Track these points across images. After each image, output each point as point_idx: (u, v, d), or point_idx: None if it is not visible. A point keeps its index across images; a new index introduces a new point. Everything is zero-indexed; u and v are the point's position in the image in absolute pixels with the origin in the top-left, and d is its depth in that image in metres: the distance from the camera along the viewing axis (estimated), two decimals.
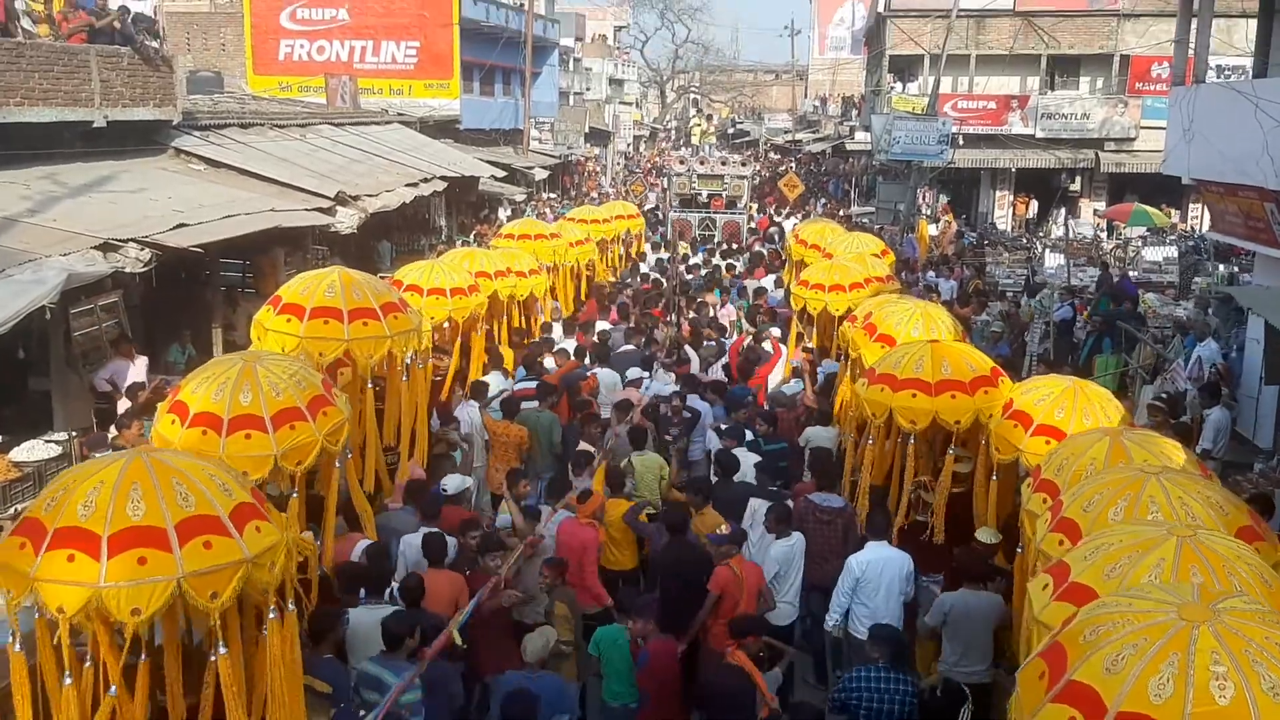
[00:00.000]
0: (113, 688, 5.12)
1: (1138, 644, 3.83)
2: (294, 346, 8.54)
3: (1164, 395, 11.70)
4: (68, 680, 5.09)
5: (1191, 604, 3.95)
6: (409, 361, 9.68)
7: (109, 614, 4.83)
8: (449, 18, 34.39)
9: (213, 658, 5.18)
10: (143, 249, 11.81)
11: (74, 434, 10.96)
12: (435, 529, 8.22)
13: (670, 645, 7.51)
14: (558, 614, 7.87)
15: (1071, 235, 30.65)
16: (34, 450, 10.82)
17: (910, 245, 26.36)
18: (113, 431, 10.43)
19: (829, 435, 11.35)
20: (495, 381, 12.69)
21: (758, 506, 9.16)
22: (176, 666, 5.56)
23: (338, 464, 7.70)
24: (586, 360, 13.88)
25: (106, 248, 11.50)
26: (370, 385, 9.02)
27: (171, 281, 16.21)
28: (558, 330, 15.67)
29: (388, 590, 7.58)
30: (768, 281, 19.91)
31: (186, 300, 16.18)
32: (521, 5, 39.43)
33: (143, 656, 5.26)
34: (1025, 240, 32.27)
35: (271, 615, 5.39)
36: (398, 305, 9.24)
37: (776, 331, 14.92)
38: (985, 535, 8.16)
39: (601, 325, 15.95)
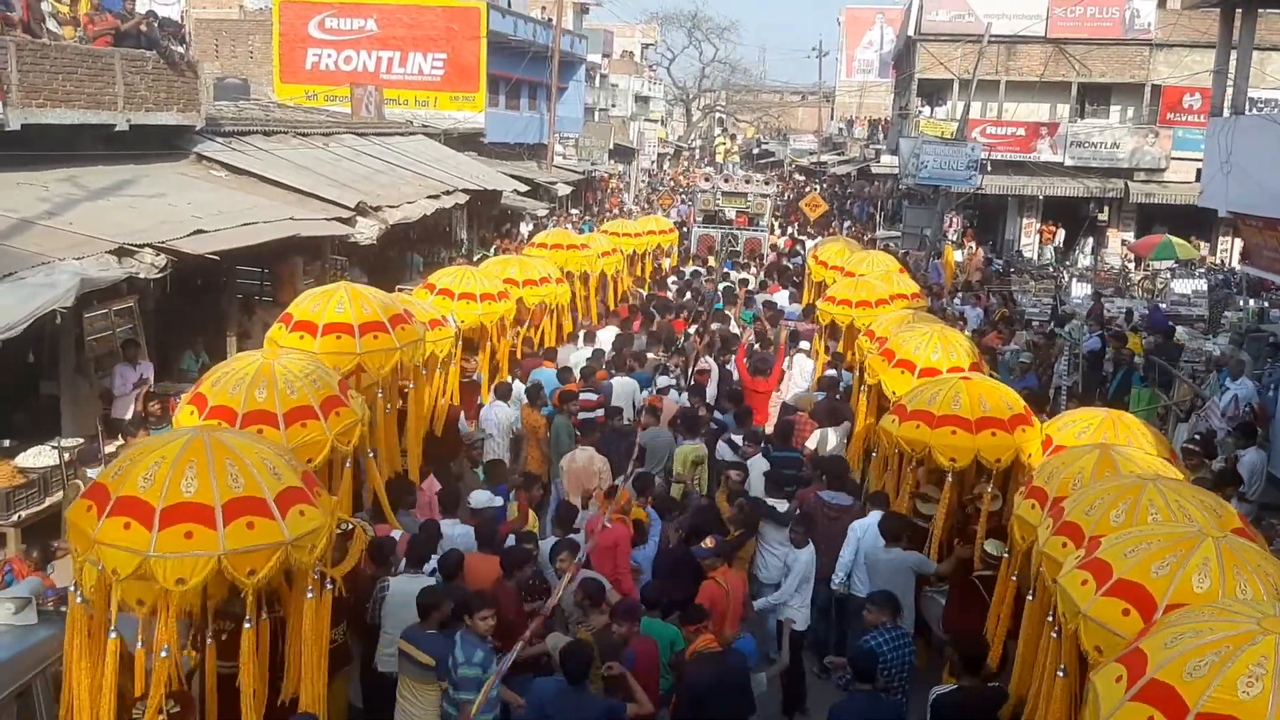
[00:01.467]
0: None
1: (1220, 651, 4.00)
2: None
3: (1197, 436, 11.34)
4: (112, 634, 5.37)
5: (1272, 616, 4.14)
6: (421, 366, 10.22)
7: (156, 581, 5.15)
8: (477, 31, 34.37)
9: (247, 624, 5.47)
10: (158, 255, 11.67)
11: (58, 444, 10.73)
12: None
13: (653, 646, 7.40)
14: (579, 635, 7.59)
15: (1099, 265, 30.26)
16: (40, 456, 10.68)
17: (936, 271, 26.05)
18: (113, 444, 10.25)
19: (839, 434, 12.01)
20: (518, 388, 12.88)
21: (765, 529, 9.32)
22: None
23: (360, 461, 8.10)
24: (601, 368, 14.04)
25: (122, 252, 11.36)
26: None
27: (188, 288, 16.11)
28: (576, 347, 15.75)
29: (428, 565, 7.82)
30: (781, 296, 20.56)
31: (203, 307, 16.05)
32: (549, 20, 39.40)
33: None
34: (1052, 269, 31.89)
35: (309, 595, 5.67)
36: (404, 317, 9.49)
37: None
38: (993, 547, 8.16)
39: (609, 332, 16.34)
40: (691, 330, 16.73)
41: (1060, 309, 23.95)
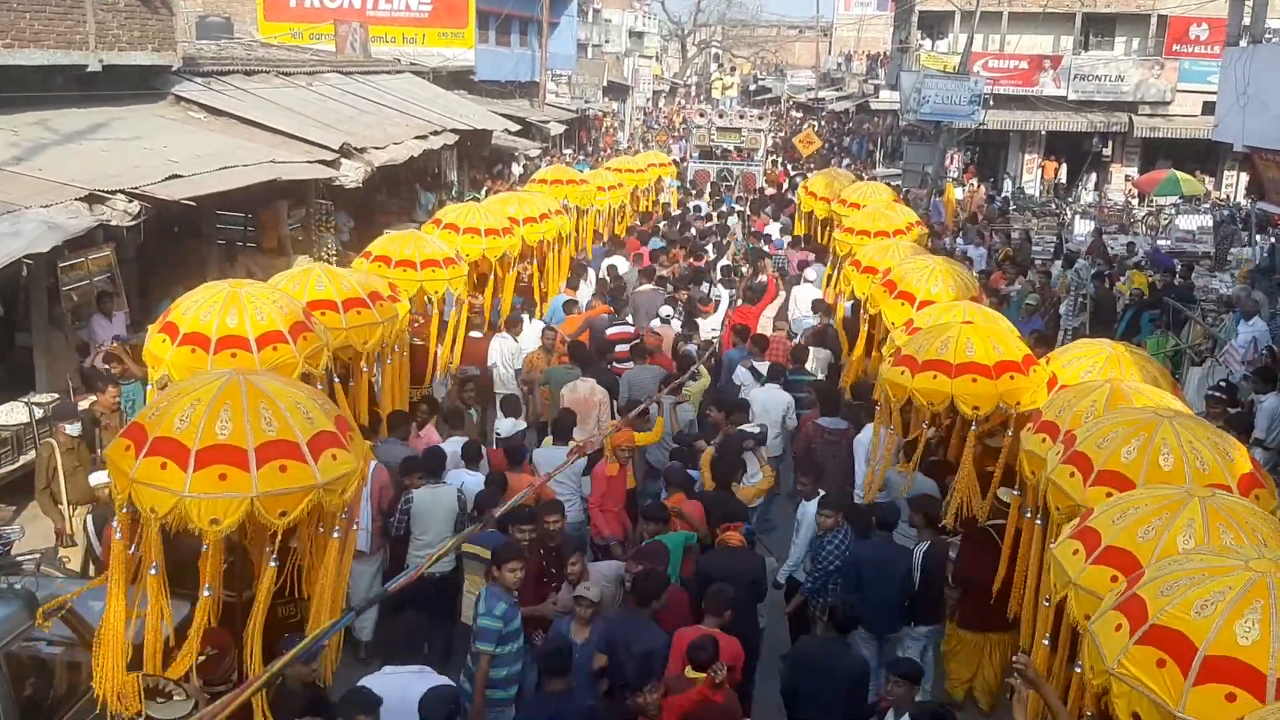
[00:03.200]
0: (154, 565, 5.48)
1: (1223, 591, 4.14)
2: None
3: (1223, 384, 10.91)
4: (154, 570, 5.47)
5: (1258, 558, 4.27)
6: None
7: (190, 521, 5.26)
8: None
9: (273, 563, 5.62)
10: (131, 201, 11.16)
11: (30, 400, 10.38)
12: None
13: (682, 594, 7.37)
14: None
15: (1102, 201, 29.73)
16: (13, 413, 10.30)
17: (937, 209, 25.51)
18: (86, 401, 9.84)
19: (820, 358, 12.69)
20: (525, 324, 13.04)
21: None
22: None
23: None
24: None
25: (92, 199, 10.85)
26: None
27: (168, 234, 15.64)
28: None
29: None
30: (773, 228, 21.70)
31: (183, 254, 15.57)
32: None
33: None
34: (1055, 205, 31.33)
35: (335, 535, 5.78)
36: (379, 296, 9.55)
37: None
38: (1005, 495, 7.89)
39: (617, 261, 16.88)
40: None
41: (1065, 246, 23.50)
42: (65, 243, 11.96)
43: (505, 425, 9.80)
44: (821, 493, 8.65)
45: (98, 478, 7.41)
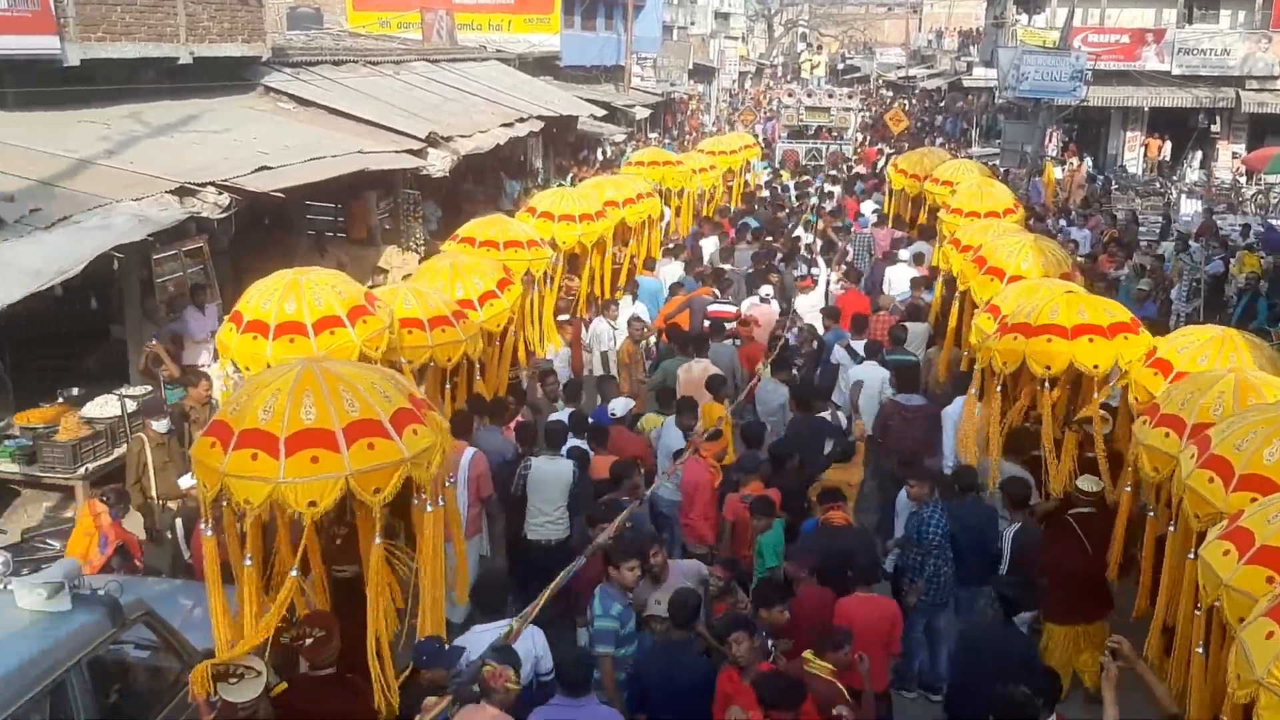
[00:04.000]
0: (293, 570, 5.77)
1: None
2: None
3: None
4: (248, 561, 5.74)
5: None
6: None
7: (288, 506, 5.45)
8: None
9: (377, 540, 5.76)
10: (221, 194, 11.16)
11: (123, 393, 10.40)
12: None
13: (826, 595, 7.10)
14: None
15: (1214, 180, 28.50)
16: (106, 405, 10.38)
17: (1037, 190, 24.66)
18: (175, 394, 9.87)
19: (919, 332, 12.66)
20: (625, 305, 13.35)
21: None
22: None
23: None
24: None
25: (183, 192, 10.87)
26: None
27: (259, 226, 15.74)
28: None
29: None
30: (866, 206, 21.69)
31: (274, 245, 15.64)
32: None
33: None
34: (1159, 184, 30.12)
35: (428, 509, 5.97)
36: (462, 314, 9.61)
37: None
38: (1087, 484, 7.76)
39: (706, 242, 17.16)
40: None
41: (1172, 227, 22.55)
42: (159, 235, 12.12)
43: (619, 405, 9.78)
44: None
45: (187, 481, 7.35)
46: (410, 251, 17.05)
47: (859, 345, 11.86)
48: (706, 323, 12.40)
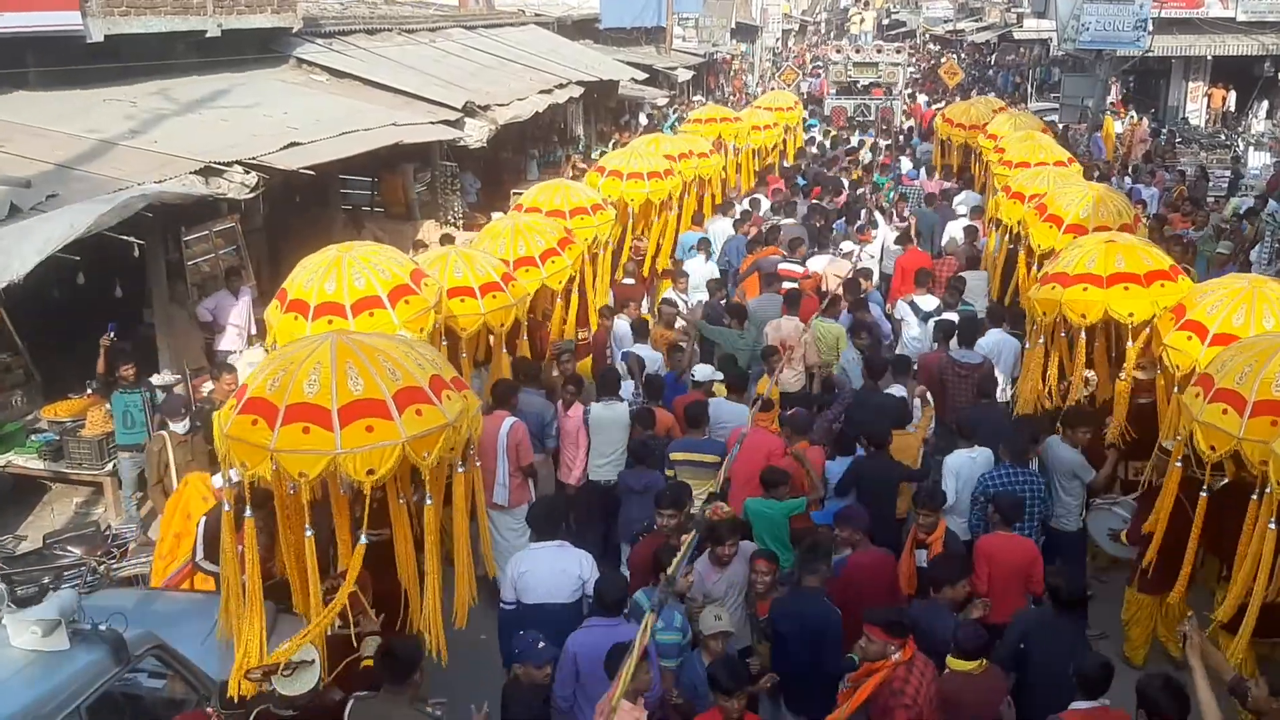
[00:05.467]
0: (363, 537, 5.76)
1: None
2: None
3: None
4: (309, 532, 5.79)
5: None
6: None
7: (346, 476, 5.58)
8: None
9: (429, 501, 5.91)
10: (248, 173, 10.67)
11: (149, 385, 9.94)
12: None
13: (882, 559, 7.23)
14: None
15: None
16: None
17: (1099, 146, 23.63)
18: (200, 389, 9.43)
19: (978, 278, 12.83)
20: (698, 264, 13.67)
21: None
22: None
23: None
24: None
25: (208, 172, 10.39)
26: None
27: (294, 202, 15.30)
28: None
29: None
30: (903, 163, 22.20)
31: (310, 222, 15.21)
32: None
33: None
34: (1224, 136, 28.84)
35: (461, 469, 6.05)
36: (511, 276, 9.57)
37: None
38: (1168, 443, 7.37)
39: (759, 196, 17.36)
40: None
41: (1240, 183, 21.49)
42: (188, 215, 11.75)
43: (702, 371, 9.74)
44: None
45: (219, 480, 6.90)
46: (449, 225, 16.54)
47: (922, 301, 11.89)
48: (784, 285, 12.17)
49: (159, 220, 10.25)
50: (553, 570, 6.67)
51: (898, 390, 9.58)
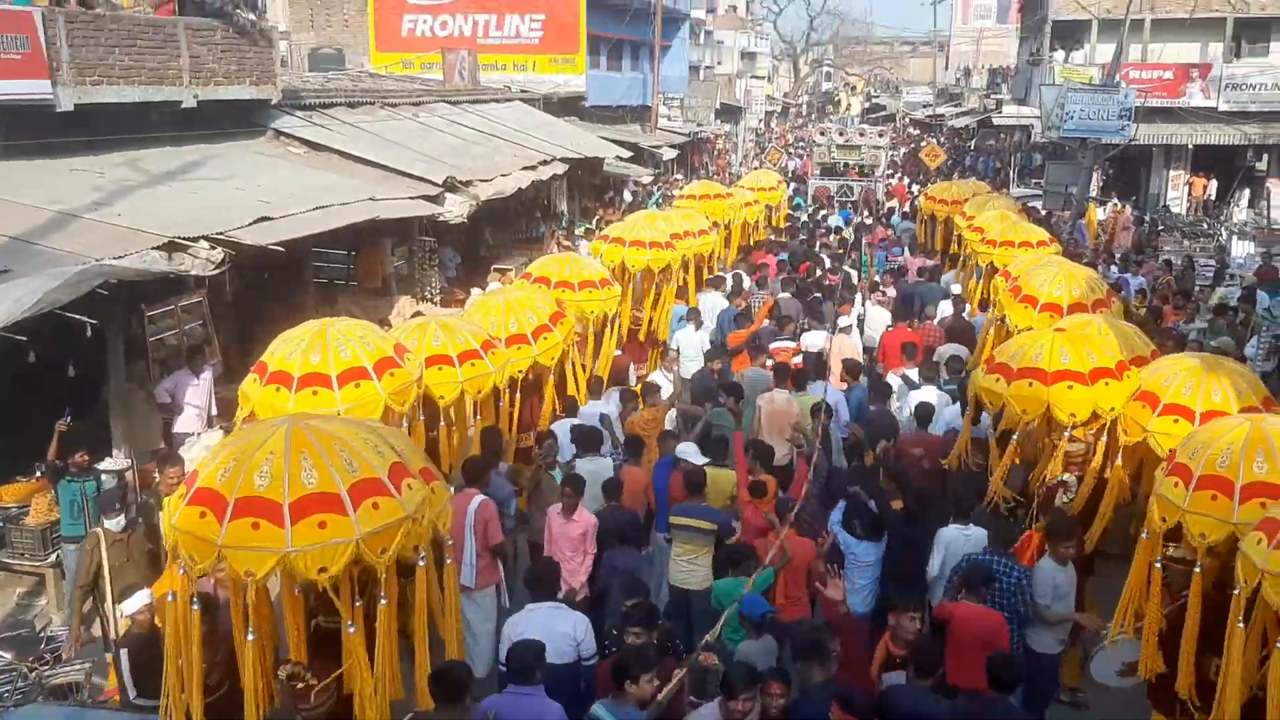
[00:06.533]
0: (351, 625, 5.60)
1: None
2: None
3: None
4: (250, 636, 5.51)
5: None
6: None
7: (297, 575, 5.42)
8: None
9: (383, 601, 5.62)
10: (214, 248, 10.26)
11: (98, 471, 9.38)
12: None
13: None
14: None
15: (1264, 220, 27.31)
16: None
17: (1082, 233, 23.56)
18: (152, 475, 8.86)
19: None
20: (689, 334, 13.81)
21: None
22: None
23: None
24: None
25: (172, 247, 9.98)
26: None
27: (265, 277, 14.87)
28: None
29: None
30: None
31: (282, 297, 14.76)
32: None
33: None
34: (1206, 225, 28.90)
35: (420, 563, 5.78)
36: (492, 344, 9.60)
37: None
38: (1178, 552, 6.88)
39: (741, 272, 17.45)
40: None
41: (1225, 272, 21.36)
42: (152, 290, 11.30)
43: (686, 450, 9.35)
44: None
45: (134, 603, 6.34)
46: (426, 302, 16.15)
47: (913, 373, 12.02)
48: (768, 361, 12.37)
49: (120, 295, 9.79)
50: (548, 631, 6.62)
51: None
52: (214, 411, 11.36)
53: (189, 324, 12.65)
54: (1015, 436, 9.00)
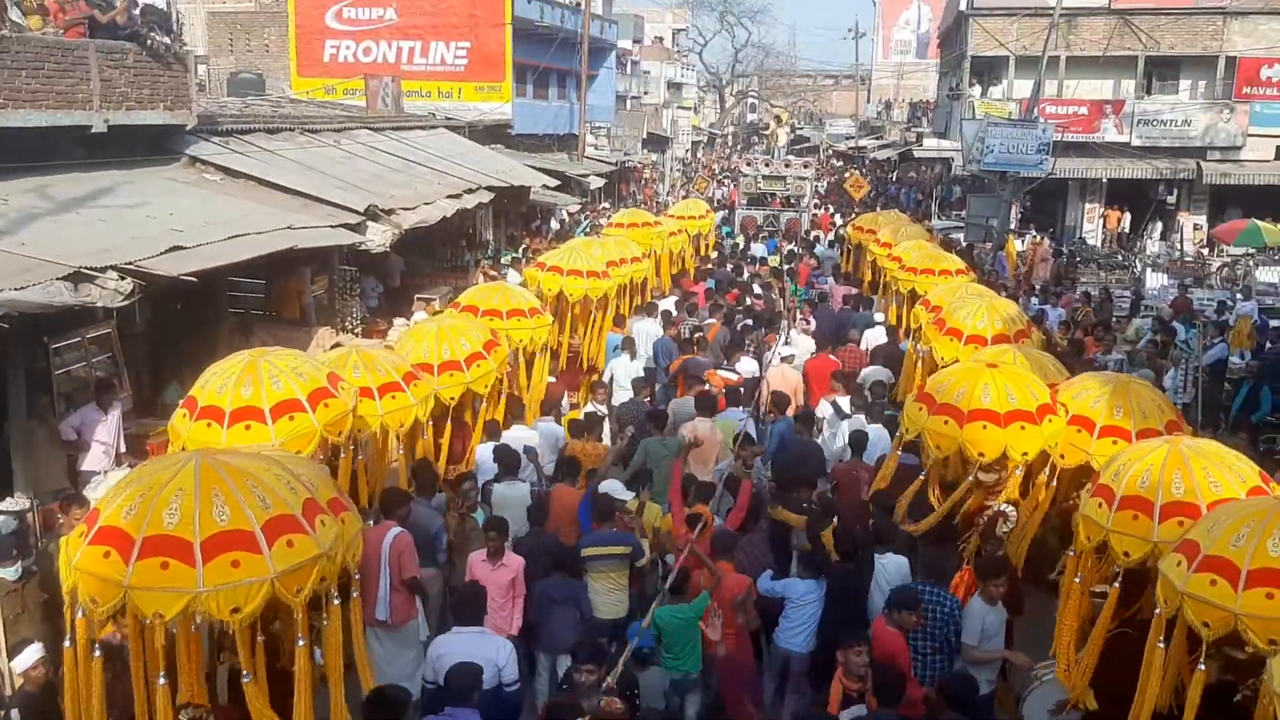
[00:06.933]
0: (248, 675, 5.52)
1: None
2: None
3: None
4: (162, 680, 5.36)
5: None
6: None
7: (209, 615, 5.23)
8: (501, 17, 32.39)
9: (301, 643, 5.52)
10: (123, 279, 9.84)
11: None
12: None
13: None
14: None
15: (1176, 253, 28.02)
16: None
17: (1002, 265, 23.91)
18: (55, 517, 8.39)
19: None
20: (623, 363, 13.88)
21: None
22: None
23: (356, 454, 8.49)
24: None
25: (78, 277, 9.53)
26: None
27: (178, 306, 14.41)
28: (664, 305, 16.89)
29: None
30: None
31: (196, 327, 14.30)
32: (578, 5, 37.43)
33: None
34: (1121, 257, 29.58)
35: (335, 601, 5.71)
36: (414, 376, 9.58)
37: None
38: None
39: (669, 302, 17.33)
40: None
41: (1141, 304, 21.82)
42: (57, 320, 10.83)
43: (610, 486, 9.47)
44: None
45: (25, 659, 5.96)
46: (346, 333, 15.77)
47: (843, 401, 12.12)
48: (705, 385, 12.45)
49: (21, 327, 9.36)
50: (471, 655, 6.62)
51: None
52: (122, 449, 10.92)
53: (97, 356, 12.19)
54: (927, 468, 9.11)
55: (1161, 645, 5.92)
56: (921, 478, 9.08)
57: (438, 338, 10.39)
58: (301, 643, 5.51)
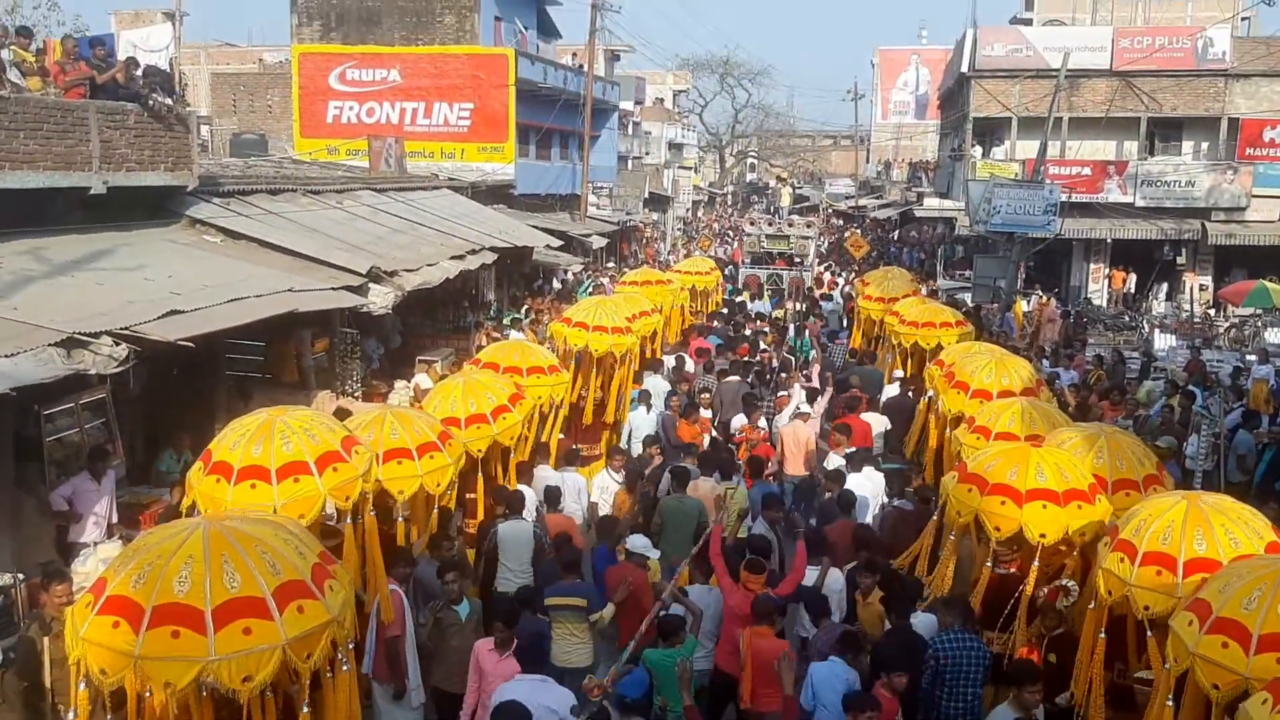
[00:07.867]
0: None
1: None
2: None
3: None
4: None
5: None
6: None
7: (221, 685, 5.07)
8: (505, 79, 32.50)
9: (306, 709, 5.49)
10: (117, 344, 9.56)
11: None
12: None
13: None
14: None
15: (1184, 313, 27.81)
16: None
17: (1009, 326, 23.67)
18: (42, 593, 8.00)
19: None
20: (640, 415, 14.37)
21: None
22: None
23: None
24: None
25: (71, 343, 9.26)
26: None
27: (174, 371, 14.11)
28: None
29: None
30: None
31: (193, 391, 13.98)
32: (580, 67, 37.62)
33: None
34: (1127, 317, 29.39)
35: (345, 667, 5.73)
36: (448, 435, 9.58)
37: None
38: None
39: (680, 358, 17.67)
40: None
41: (1152, 366, 21.54)
42: (49, 385, 10.51)
43: (636, 542, 9.33)
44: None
45: None
46: (347, 396, 15.45)
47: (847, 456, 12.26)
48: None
49: (10, 393, 9.04)
50: (532, 703, 6.52)
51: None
52: (114, 519, 10.53)
53: (90, 422, 11.84)
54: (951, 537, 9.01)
55: (1170, 704, 6.01)
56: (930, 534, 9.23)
57: (464, 392, 10.71)
58: (306, 709, 5.49)
